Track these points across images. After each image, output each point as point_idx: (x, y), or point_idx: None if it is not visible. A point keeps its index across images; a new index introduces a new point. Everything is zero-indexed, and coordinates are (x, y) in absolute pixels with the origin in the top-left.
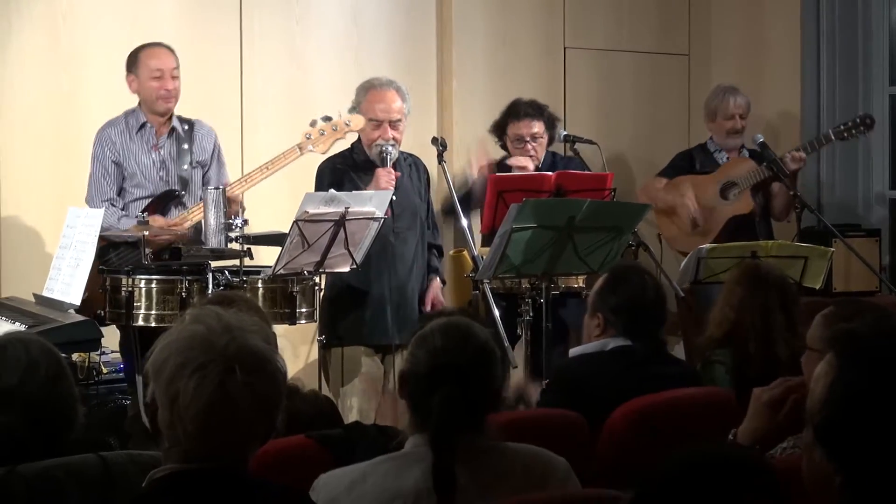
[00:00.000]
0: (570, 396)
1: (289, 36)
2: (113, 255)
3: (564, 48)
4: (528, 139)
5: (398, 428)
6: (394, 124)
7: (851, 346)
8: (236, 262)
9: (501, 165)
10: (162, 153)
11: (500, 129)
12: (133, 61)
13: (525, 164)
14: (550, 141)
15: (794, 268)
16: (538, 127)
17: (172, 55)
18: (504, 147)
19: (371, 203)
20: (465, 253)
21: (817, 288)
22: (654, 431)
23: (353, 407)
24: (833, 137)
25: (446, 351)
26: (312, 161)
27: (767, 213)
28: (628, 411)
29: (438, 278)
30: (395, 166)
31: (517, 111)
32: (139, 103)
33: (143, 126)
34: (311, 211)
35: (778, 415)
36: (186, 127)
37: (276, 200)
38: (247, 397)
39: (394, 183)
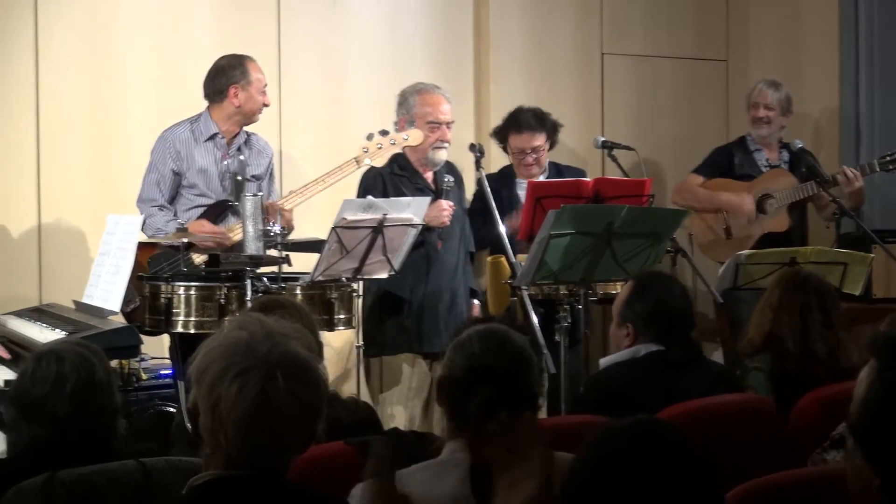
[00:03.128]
0: (605, 403)
1: (326, 43)
2: (164, 263)
3: (602, 54)
4: (528, 152)
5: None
6: (449, 126)
7: (890, 349)
8: (275, 268)
9: (504, 174)
10: (227, 163)
11: (501, 136)
12: (241, 73)
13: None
14: (552, 146)
15: (833, 274)
16: (539, 140)
17: None
18: (506, 150)
19: (409, 210)
20: (503, 259)
21: (857, 294)
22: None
23: (395, 415)
24: (878, 169)
25: (484, 356)
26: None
27: (804, 229)
28: (666, 418)
29: (478, 301)
30: (437, 174)
31: (518, 123)
32: (208, 112)
33: (213, 136)
34: (350, 217)
35: None
36: (246, 138)
37: (314, 207)
38: (288, 403)
39: (449, 218)
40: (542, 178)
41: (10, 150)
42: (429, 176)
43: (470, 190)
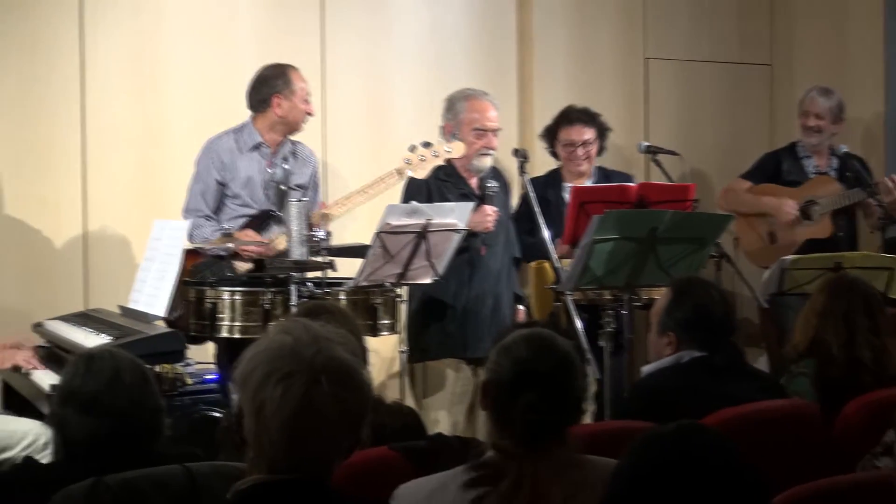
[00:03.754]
0: (649, 409)
1: (369, 52)
2: (207, 270)
3: (645, 58)
4: (579, 144)
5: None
6: (495, 133)
7: None
8: (319, 273)
9: (551, 177)
10: (271, 172)
11: (551, 135)
12: (284, 82)
13: None
14: (600, 151)
15: (879, 279)
16: (589, 133)
17: None
18: (554, 154)
19: (453, 215)
20: (547, 264)
21: None
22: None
23: (439, 420)
24: None
25: (529, 360)
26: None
27: (853, 234)
28: (710, 424)
29: (523, 306)
30: (481, 179)
31: (569, 116)
32: (251, 121)
33: (257, 146)
34: (394, 223)
35: None
36: (291, 147)
37: (358, 212)
38: (332, 408)
39: (494, 223)
40: (588, 183)
41: (56, 159)
42: (473, 182)
43: (516, 195)
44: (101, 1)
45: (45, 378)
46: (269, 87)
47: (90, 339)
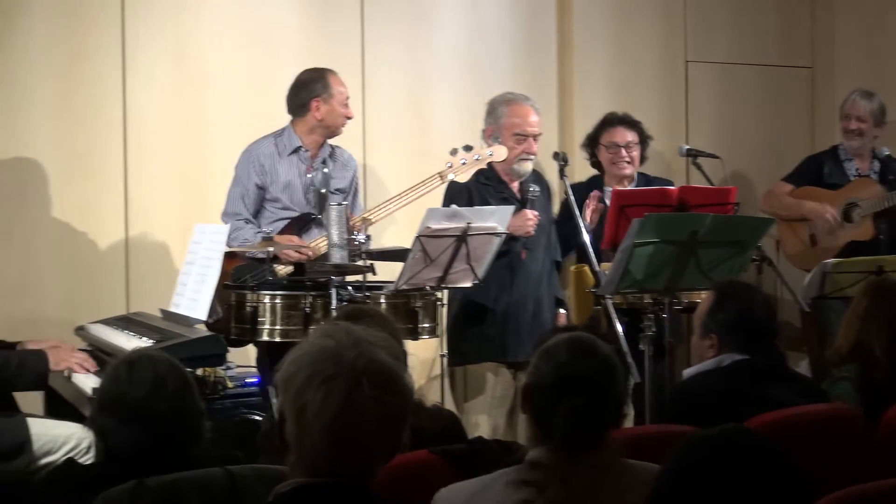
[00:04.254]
0: (690, 412)
1: (409, 55)
2: (248, 275)
3: (686, 61)
4: (622, 145)
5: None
6: (536, 138)
7: None
8: (360, 277)
9: (592, 182)
10: (311, 176)
11: (593, 141)
12: (322, 86)
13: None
14: (642, 160)
15: None
16: (632, 136)
17: None
18: (595, 164)
19: (493, 219)
20: (587, 268)
21: None
22: None
23: (479, 424)
24: None
25: (571, 364)
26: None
27: (895, 237)
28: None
29: (564, 310)
30: (522, 184)
31: (612, 120)
32: (291, 126)
33: (297, 150)
34: (434, 226)
35: None
36: (330, 151)
37: (398, 215)
38: (373, 411)
39: (534, 228)
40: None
41: (98, 163)
42: (514, 186)
43: (558, 199)
44: (142, 6)
45: (88, 381)
46: (309, 91)
47: (132, 343)
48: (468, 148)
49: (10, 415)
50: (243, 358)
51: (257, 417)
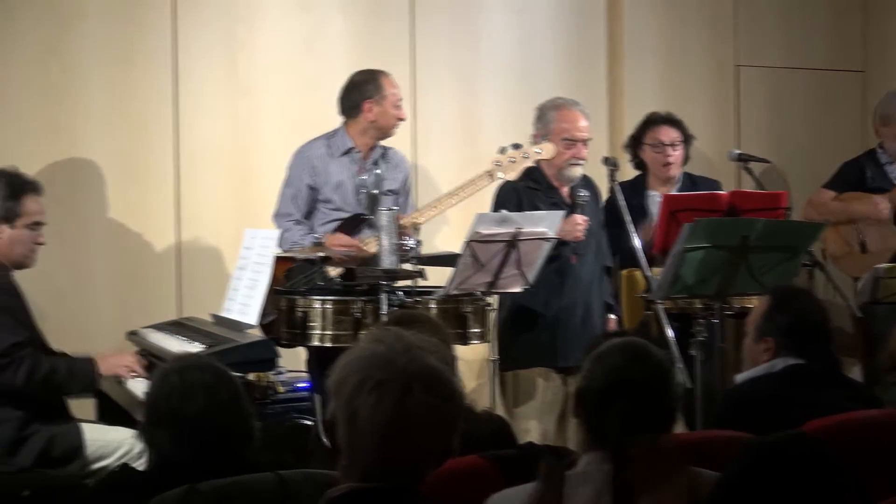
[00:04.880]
0: (742, 418)
1: (459, 58)
2: (301, 276)
3: (736, 66)
4: (667, 143)
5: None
6: (585, 143)
7: None
8: (410, 282)
9: (635, 184)
10: (363, 178)
11: (636, 141)
12: (374, 88)
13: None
14: (685, 160)
15: None
16: (676, 135)
17: None
18: (638, 165)
19: (543, 223)
20: (638, 273)
21: None
22: None
23: (529, 430)
24: None
25: (624, 368)
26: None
27: None
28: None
29: (614, 315)
30: (572, 189)
31: (655, 119)
32: (343, 127)
33: (349, 151)
34: (484, 231)
35: None
36: (382, 152)
37: (448, 221)
38: (425, 416)
39: (584, 233)
40: (675, 190)
41: (149, 167)
42: (564, 191)
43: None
44: (193, 12)
45: (140, 386)
46: (361, 92)
47: (183, 348)
48: (517, 146)
49: (64, 421)
50: (294, 361)
51: (308, 422)
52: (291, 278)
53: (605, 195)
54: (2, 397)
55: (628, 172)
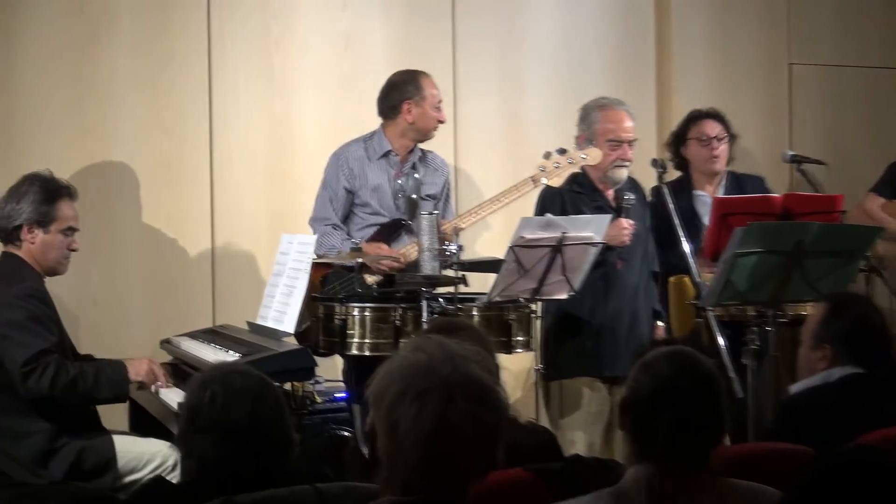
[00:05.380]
0: (797, 430)
1: (501, 58)
2: (336, 283)
3: (789, 64)
4: (713, 136)
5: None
6: (631, 144)
7: None
8: (451, 288)
9: (679, 185)
10: (401, 181)
11: (679, 138)
12: (414, 89)
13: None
14: (729, 159)
15: None
16: (721, 129)
17: None
18: (680, 165)
19: (589, 228)
20: (687, 279)
21: None
22: None
23: (575, 441)
24: None
25: (671, 377)
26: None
27: None
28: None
29: (662, 322)
30: (618, 192)
31: (698, 114)
32: (381, 129)
33: (387, 153)
34: (528, 236)
35: None
36: (421, 155)
37: (491, 226)
38: (468, 427)
39: (630, 237)
40: (720, 189)
41: (184, 171)
42: (609, 194)
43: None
44: (228, 12)
45: (173, 396)
46: (400, 93)
47: (218, 357)
48: (562, 151)
49: (96, 432)
50: (332, 370)
51: (346, 433)
52: (327, 284)
53: (649, 198)
54: (31, 408)
55: (673, 175)
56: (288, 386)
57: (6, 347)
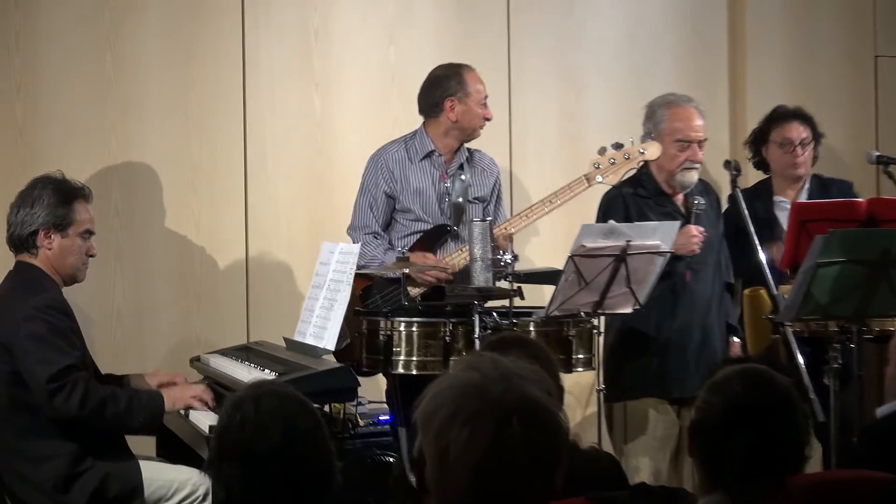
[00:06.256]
0: (884, 457)
1: (560, 51)
2: (377, 296)
3: (875, 57)
4: (797, 142)
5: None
6: (701, 144)
7: None
8: (506, 302)
9: (759, 190)
10: (447, 184)
11: (760, 139)
12: (457, 83)
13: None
14: (814, 161)
15: None
16: (807, 132)
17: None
18: (759, 164)
19: (656, 235)
20: (763, 291)
21: None
22: None
23: (640, 468)
24: None
25: (745, 397)
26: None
27: None
28: None
29: (738, 338)
30: (687, 196)
31: (783, 114)
32: (423, 128)
33: (430, 154)
34: (589, 245)
35: None
36: (468, 156)
37: (548, 233)
38: (524, 452)
39: (700, 245)
40: (803, 194)
41: (214, 173)
42: (678, 199)
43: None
44: (262, 11)
45: (205, 419)
46: (442, 89)
47: (253, 376)
48: (618, 146)
49: (122, 457)
50: (376, 391)
51: (390, 459)
52: (368, 298)
53: (724, 202)
54: (54, 429)
55: (754, 176)
56: (328, 408)
57: (28, 364)
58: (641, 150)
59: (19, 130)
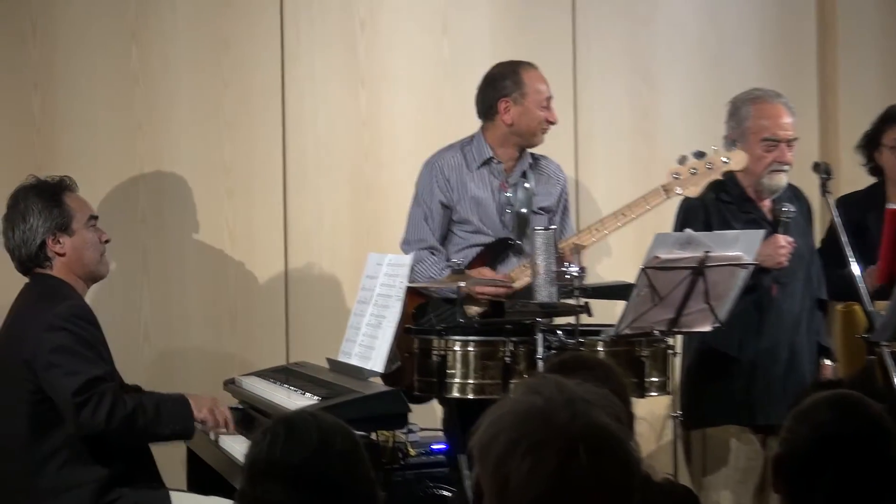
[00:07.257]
0: None
1: (630, 45)
2: (432, 314)
3: None
4: None
5: None
6: (790, 144)
7: None
8: (571, 319)
9: (871, 196)
10: (507, 194)
11: (872, 142)
12: (513, 83)
13: None
14: None
15: None
16: None
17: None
18: (874, 170)
19: (737, 246)
20: (857, 307)
21: None
22: None
23: (721, 502)
24: None
25: (835, 426)
26: None
27: None
28: None
29: (830, 361)
30: (775, 202)
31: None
32: (481, 133)
33: (488, 161)
34: (664, 256)
35: None
36: (532, 162)
37: (618, 244)
38: (591, 485)
39: (789, 256)
40: None
41: (251, 180)
42: (765, 205)
43: (819, 221)
44: (303, 1)
45: (237, 446)
46: (496, 90)
47: (293, 400)
48: (700, 154)
49: (152, 486)
50: (428, 418)
51: (445, 493)
52: (423, 316)
53: (817, 210)
54: (80, 453)
55: (845, 179)
56: (376, 436)
57: (54, 377)
58: (725, 160)
59: (37, 130)
